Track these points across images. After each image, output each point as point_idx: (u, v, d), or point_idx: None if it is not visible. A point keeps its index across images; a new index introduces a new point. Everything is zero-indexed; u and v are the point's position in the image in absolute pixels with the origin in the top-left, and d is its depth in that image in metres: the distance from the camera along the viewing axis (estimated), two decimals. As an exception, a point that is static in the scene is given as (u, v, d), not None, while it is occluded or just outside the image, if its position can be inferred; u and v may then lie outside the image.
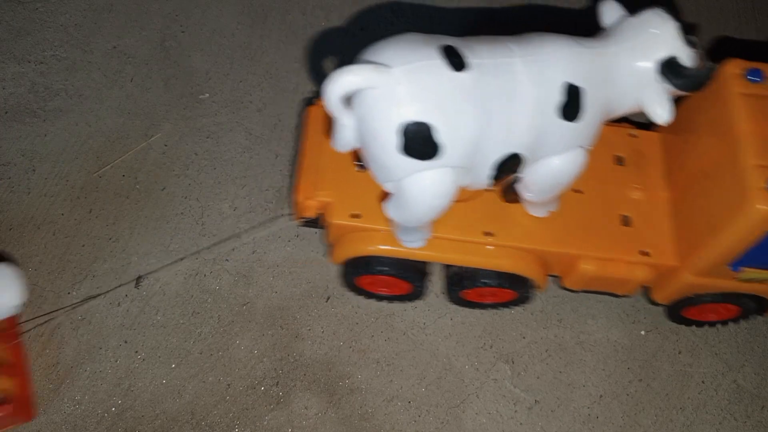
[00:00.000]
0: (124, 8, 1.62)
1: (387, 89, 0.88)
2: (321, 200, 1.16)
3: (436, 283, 1.32)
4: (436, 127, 0.88)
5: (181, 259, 1.30)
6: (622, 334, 1.32)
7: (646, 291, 1.30)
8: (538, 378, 1.26)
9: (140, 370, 1.21)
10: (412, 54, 0.89)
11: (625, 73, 0.97)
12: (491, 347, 1.28)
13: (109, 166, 1.41)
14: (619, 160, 1.26)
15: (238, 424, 1.18)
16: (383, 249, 1.15)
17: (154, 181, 1.40)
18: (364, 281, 1.24)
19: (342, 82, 0.87)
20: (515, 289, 1.21)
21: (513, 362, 1.27)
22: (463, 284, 1.21)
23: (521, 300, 1.27)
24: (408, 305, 1.30)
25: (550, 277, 1.27)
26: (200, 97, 1.52)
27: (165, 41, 1.59)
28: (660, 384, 1.28)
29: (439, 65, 0.89)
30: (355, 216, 1.15)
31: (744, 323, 1.34)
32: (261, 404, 1.20)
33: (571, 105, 0.95)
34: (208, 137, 1.47)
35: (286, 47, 1.61)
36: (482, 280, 1.19)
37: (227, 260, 1.32)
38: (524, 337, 1.30)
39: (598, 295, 1.31)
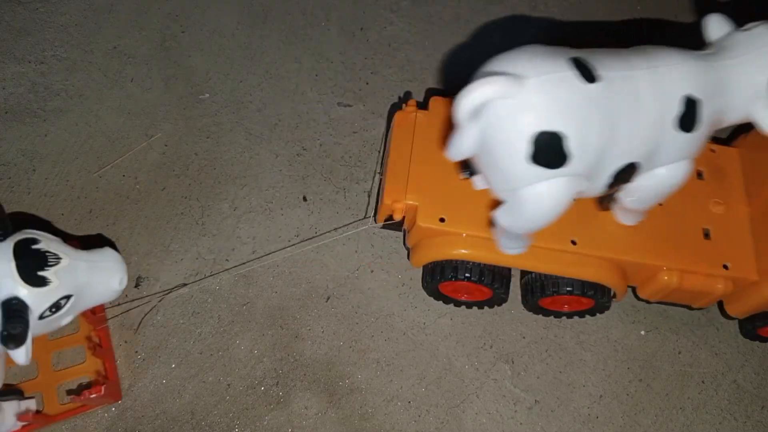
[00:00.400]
0: (124, 8, 1.62)
1: (521, 99, 0.90)
2: (408, 203, 1.17)
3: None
4: (567, 137, 0.91)
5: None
6: (622, 334, 1.32)
7: (718, 304, 1.30)
8: (538, 378, 1.26)
9: (140, 370, 1.21)
10: (545, 65, 0.91)
11: (739, 86, 1.00)
12: (491, 347, 1.28)
13: (109, 166, 1.41)
14: (699, 175, 1.26)
15: (238, 424, 1.18)
16: (468, 253, 1.16)
17: (154, 181, 1.40)
18: (447, 288, 1.25)
19: (479, 92, 0.89)
20: (595, 298, 1.21)
21: (513, 362, 1.27)
22: (543, 292, 1.21)
23: (599, 309, 1.26)
24: (408, 305, 1.31)
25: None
26: (200, 97, 1.52)
27: (165, 41, 1.59)
28: (660, 384, 1.28)
29: (571, 77, 0.91)
30: (441, 220, 1.16)
31: (744, 323, 1.34)
32: (261, 404, 1.20)
33: (689, 117, 0.97)
34: (208, 137, 1.47)
35: (286, 47, 1.61)
36: (564, 288, 1.19)
37: (227, 260, 1.32)
38: (524, 337, 1.30)
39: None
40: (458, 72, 1.60)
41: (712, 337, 1.33)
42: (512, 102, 0.90)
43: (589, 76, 0.92)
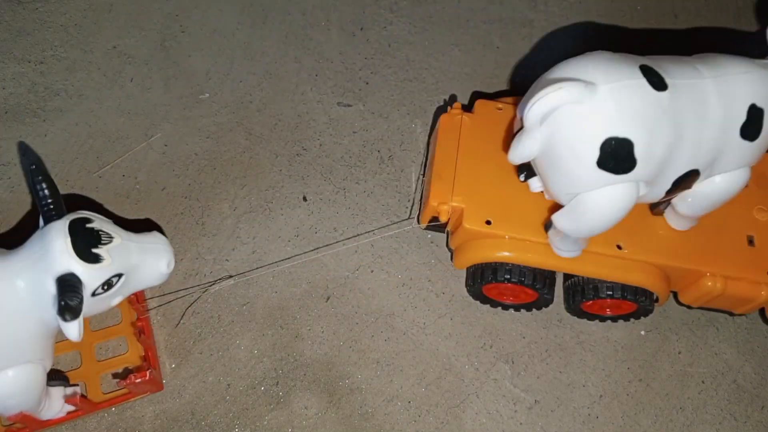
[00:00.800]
0: (124, 8, 1.62)
1: (592, 105, 0.91)
2: (454, 206, 1.18)
3: (436, 282, 1.33)
4: (636, 144, 0.92)
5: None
6: (622, 334, 1.32)
7: (760, 310, 1.30)
8: (538, 378, 1.26)
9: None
10: (616, 73, 0.93)
11: None
12: (491, 347, 1.28)
13: (109, 166, 1.41)
14: None
15: (238, 424, 1.18)
16: (513, 256, 1.16)
17: (154, 181, 1.40)
18: (492, 291, 1.25)
19: (553, 97, 0.90)
20: (638, 302, 1.21)
21: (513, 362, 1.27)
22: (587, 295, 1.22)
23: (642, 313, 1.27)
24: (408, 305, 1.31)
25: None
26: (200, 97, 1.52)
27: (165, 41, 1.59)
28: (660, 384, 1.28)
29: (642, 84, 0.93)
30: (487, 222, 1.16)
31: (744, 323, 1.34)
32: (261, 404, 1.20)
33: (753, 125, 0.99)
34: (208, 137, 1.47)
35: (286, 47, 1.61)
36: (608, 292, 1.20)
37: (227, 260, 1.32)
38: (524, 337, 1.30)
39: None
40: (460, 73, 1.60)
41: (712, 337, 1.33)
42: (583, 107, 0.91)
43: (658, 83, 0.93)
